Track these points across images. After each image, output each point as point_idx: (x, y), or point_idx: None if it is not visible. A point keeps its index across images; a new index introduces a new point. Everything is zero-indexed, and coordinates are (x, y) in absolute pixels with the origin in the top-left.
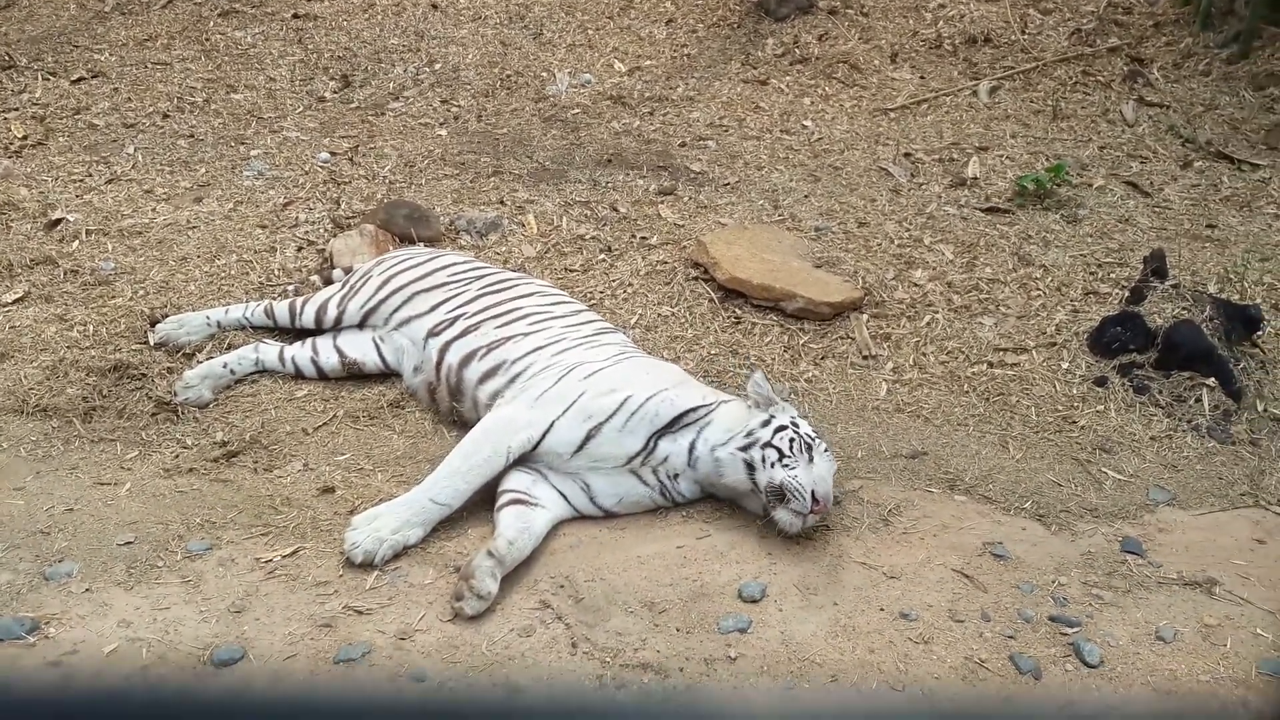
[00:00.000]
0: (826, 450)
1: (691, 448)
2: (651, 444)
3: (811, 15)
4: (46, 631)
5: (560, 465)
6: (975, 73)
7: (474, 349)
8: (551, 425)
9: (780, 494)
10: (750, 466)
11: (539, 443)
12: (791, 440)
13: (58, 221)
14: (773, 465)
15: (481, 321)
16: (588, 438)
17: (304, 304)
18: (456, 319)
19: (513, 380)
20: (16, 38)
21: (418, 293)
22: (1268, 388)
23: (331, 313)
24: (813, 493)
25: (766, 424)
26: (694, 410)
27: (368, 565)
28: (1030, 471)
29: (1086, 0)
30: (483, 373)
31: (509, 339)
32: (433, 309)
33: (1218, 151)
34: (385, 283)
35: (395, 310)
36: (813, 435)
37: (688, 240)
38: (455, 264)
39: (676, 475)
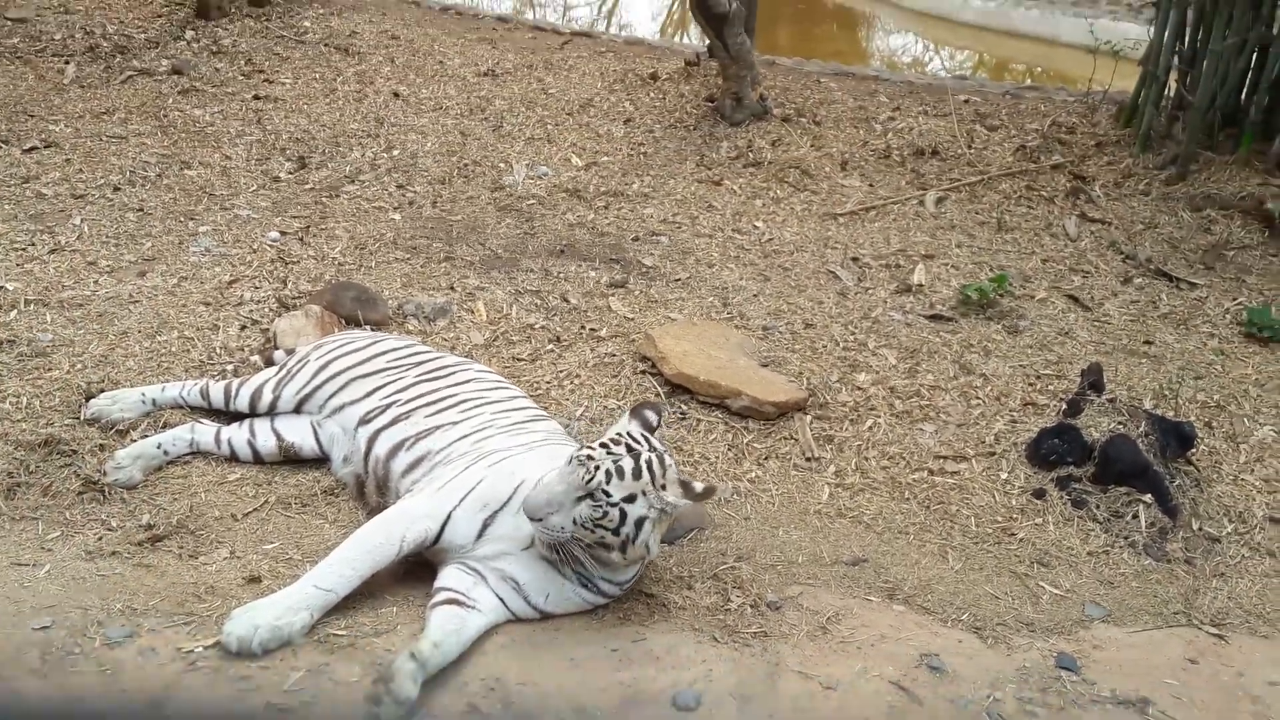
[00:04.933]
0: (580, 460)
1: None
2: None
3: (765, 122)
4: None
5: (469, 555)
6: (923, 183)
7: (403, 439)
8: (449, 516)
9: None
10: None
11: (440, 534)
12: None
13: None
14: None
15: (414, 410)
16: (485, 525)
17: (240, 386)
18: (389, 406)
19: (431, 472)
20: None
21: (355, 379)
22: (1202, 506)
23: (266, 397)
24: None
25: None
26: None
27: (244, 653)
28: (969, 583)
29: (1031, 119)
30: (408, 464)
31: (437, 428)
32: (367, 395)
33: (1157, 269)
34: (322, 368)
35: (330, 396)
36: (593, 444)
37: (637, 334)
38: (395, 349)
39: (578, 558)
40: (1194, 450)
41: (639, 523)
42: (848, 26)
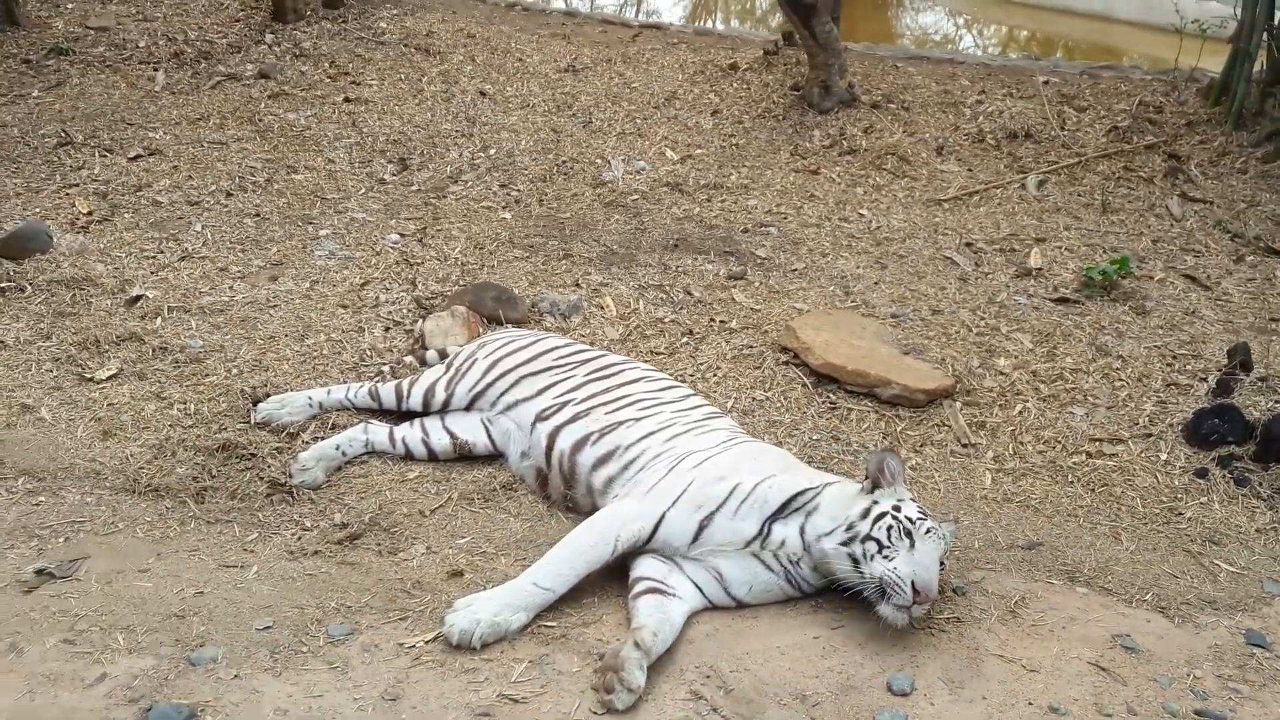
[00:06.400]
0: (930, 531)
1: (801, 532)
2: (765, 529)
3: (854, 109)
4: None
5: (682, 554)
6: (1020, 167)
7: (586, 434)
8: (663, 517)
9: (882, 588)
10: (855, 560)
11: (652, 534)
12: (889, 528)
13: (137, 298)
14: (873, 558)
15: (592, 407)
16: (701, 527)
17: (410, 386)
18: (565, 404)
19: (627, 467)
20: (71, 114)
21: (525, 376)
22: None
23: (440, 395)
24: (913, 583)
25: (866, 513)
26: (801, 494)
27: (465, 646)
28: (1145, 563)
29: (1116, 99)
30: (597, 458)
31: (621, 424)
32: (540, 393)
33: (1267, 246)
34: (492, 365)
35: (503, 393)
36: (914, 518)
37: (768, 325)
38: (559, 347)
39: (798, 560)
40: None
41: None
42: (882, 7)
